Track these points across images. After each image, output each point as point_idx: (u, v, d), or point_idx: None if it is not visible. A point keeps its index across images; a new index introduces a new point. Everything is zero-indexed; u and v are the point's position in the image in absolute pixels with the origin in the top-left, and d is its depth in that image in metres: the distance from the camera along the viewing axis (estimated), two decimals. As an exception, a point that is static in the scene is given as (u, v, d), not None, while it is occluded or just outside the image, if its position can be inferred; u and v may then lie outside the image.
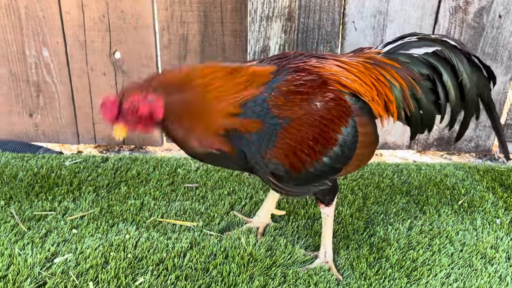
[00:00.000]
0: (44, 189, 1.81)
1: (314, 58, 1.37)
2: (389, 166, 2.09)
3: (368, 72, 1.37)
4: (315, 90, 1.28)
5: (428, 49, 1.37)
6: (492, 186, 1.95)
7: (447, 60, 1.37)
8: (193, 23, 2.04)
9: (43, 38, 2.07)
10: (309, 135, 1.26)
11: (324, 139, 1.28)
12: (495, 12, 2.01)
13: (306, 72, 1.30)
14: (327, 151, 1.30)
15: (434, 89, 1.39)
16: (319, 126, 1.27)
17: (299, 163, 1.28)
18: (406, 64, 1.37)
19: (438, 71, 1.37)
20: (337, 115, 1.29)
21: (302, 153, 1.27)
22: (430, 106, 1.40)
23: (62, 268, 1.42)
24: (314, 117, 1.26)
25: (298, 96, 1.25)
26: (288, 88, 1.25)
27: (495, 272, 1.50)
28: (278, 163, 1.26)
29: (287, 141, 1.25)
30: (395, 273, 1.48)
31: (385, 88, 1.37)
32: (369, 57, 1.40)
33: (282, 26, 1.97)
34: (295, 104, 1.24)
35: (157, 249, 1.51)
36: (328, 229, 1.51)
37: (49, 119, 2.23)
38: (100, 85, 2.15)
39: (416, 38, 1.41)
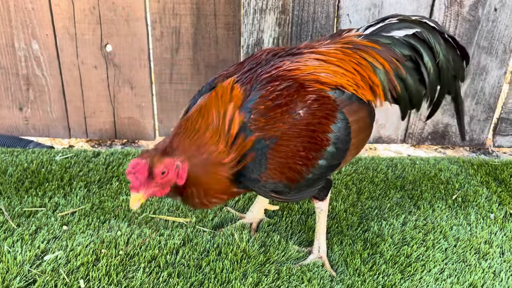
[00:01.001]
0: (34, 184, 1.78)
1: (287, 59, 1.32)
2: (383, 160, 2.08)
3: (349, 58, 1.34)
4: (293, 98, 1.23)
5: (409, 31, 1.37)
6: (486, 181, 1.95)
7: (426, 42, 1.37)
8: (186, 16, 2.01)
9: (32, 31, 2.03)
10: (298, 146, 1.23)
11: (315, 145, 1.25)
12: (491, 5, 1.99)
13: (279, 80, 1.25)
14: (321, 154, 1.27)
15: (417, 68, 1.40)
16: (307, 135, 1.24)
17: (296, 174, 1.26)
18: (387, 45, 1.36)
19: (419, 52, 1.37)
20: (322, 115, 1.25)
21: (297, 165, 1.24)
22: (416, 85, 1.40)
23: (52, 265, 1.40)
24: (299, 127, 1.23)
25: (278, 110, 1.21)
26: (265, 105, 1.21)
27: (489, 268, 1.49)
28: (275, 181, 1.24)
29: (278, 160, 1.22)
30: (389, 269, 1.47)
31: (368, 71, 1.35)
32: (348, 41, 1.37)
33: (276, 19, 1.94)
34: (277, 120, 1.21)
35: (149, 245, 1.49)
36: (322, 224, 1.49)
37: (40, 113, 2.19)
38: (91, 79, 2.12)
39: (396, 19, 1.40)
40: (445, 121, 2.21)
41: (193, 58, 2.09)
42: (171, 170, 1.15)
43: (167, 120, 2.21)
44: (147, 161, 1.13)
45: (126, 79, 2.12)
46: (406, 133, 2.25)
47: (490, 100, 2.17)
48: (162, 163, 1.14)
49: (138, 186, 1.12)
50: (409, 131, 2.24)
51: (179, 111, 2.18)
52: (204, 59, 2.09)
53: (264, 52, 1.37)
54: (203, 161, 1.19)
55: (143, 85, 2.13)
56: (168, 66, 2.10)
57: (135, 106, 2.18)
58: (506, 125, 2.24)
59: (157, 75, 2.13)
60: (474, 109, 2.18)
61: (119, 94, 2.15)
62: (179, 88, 2.14)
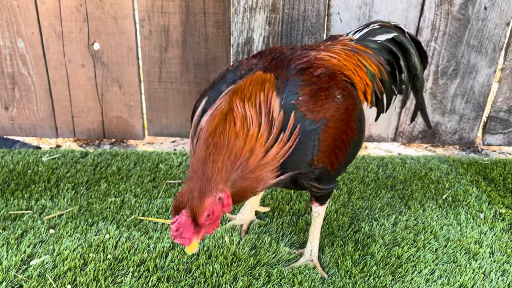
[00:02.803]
0: (20, 186, 1.75)
1: (312, 51, 1.35)
2: (374, 159, 2.08)
3: (350, 59, 1.40)
4: (330, 83, 1.26)
5: (388, 36, 1.48)
6: (476, 180, 1.95)
7: (402, 45, 1.50)
8: (175, 14, 1.98)
9: (17, 29, 1.99)
10: (342, 130, 1.25)
11: (350, 130, 1.29)
12: (481, 4, 1.99)
13: (314, 67, 1.28)
14: (352, 141, 1.31)
15: (392, 72, 1.50)
16: (346, 118, 1.26)
17: (336, 160, 1.27)
18: (375, 50, 1.46)
19: (396, 55, 1.49)
20: (352, 102, 1.30)
21: (338, 149, 1.26)
22: (390, 89, 1.51)
23: (38, 270, 1.37)
24: (341, 110, 1.25)
25: (322, 94, 1.23)
26: (311, 87, 1.22)
27: (479, 268, 1.50)
28: (323, 166, 1.24)
29: (329, 142, 1.22)
30: (380, 271, 1.47)
31: (363, 73, 1.42)
32: (345, 44, 1.45)
33: (266, 17, 1.92)
34: (324, 102, 1.22)
35: (138, 249, 1.47)
36: (318, 228, 1.49)
37: (26, 112, 2.15)
38: (78, 77, 2.08)
39: (377, 25, 1.52)
40: (435, 120, 2.21)
41: (182, 56, 2.06)
42: (216, 208, 1.10)
43: (156, 119, 2.18)
44: (188, 215, 1.07)
45: (114, 77, 2.09)
46: (396, 131, 2.24)
47: (479, 99, 2.17)
48: (204, 208, 1.08)
49: (190, 241, 1.08)
50: (399, 129, 2.24)
51: (168, 110, 2.16)
52: (194, 58, 2.06)
53: (276, 47, 1.39)
54: (243, 174, 1.13)
55: (132, 84, 2.10)
56: (157, 64, 2.07)
57: (124, 105, 2.15)
58: (496, 123, 2.25)
59: (145, 73, 2.10)
60: (464, 107, 2.19)
61: (107, 93, 2.12)
62: (168, 87, 2.12)
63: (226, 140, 1.12)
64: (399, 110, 2.18)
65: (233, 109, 1.15)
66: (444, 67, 2.09)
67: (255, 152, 1.13)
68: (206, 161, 1.12)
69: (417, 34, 2.02)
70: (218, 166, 1.11)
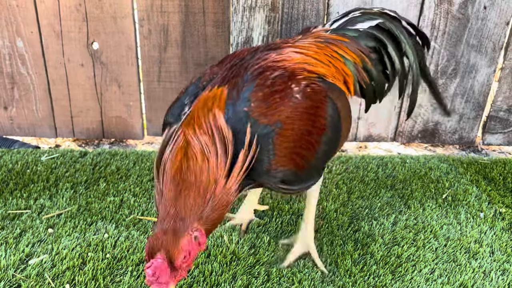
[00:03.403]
0: (19, 186, 1.75)
1: (271, 52, 1.31)
2: (373, 159, 2.07)
3: (322, 51, 1.35)
4: (288, 84, 1.22)
5: (372, 23, 1.42)
6: (476, 179, 1.95)
7: (390, 32, 1.42)
8: (174, 13, 1.98)
9: (17, 28, 1.99)
10: (302, 130, 1.21)
11: (316, 128, 1.24)
12: (480, 3, 1.99)
13: (270, 70, 1.24)
14: (321, 139, 1.26)
15: (381, 59, 1.44)
16: (308, 118, 1.22)
17: (303, 160, 1.23)
18: (353, 38, 1.40)
19: (383, 42, 1.42)
20: (317, 99, 1.25)
21: (302, 149, 1.22)
22: (380, 76, 1.44)
23: (37, 270, 1.37)
24: (300, 110, 1.21)
25: (277, 96, 1.19)
26: (263, 92, 1.18)
27: (479, 267, 1.49)
28: (285, 169, 1.20)
29: (285, 145, 1.18)
30: (379, 270, 1.46)
31: (341, 63, 1.37)
32: (318, 35, 1.40)
33: (265, 16, 1.92)
34: (278, 104, 1.18)
35: (137, 248, 1.46)
36: (312, 207, 1.48)
37: (25, 112, 2.15)
38: (78, 77, 2.08)
39: (359, 13, 1.45)
40: (435, 119, 2.21)
41: (182, 56, 2.05)
42: (193, 248, 1.06)
43: (156, 118, 2.18)
44: (164, 258, 1.01)
45: (114, 77, 2.09)
46: (396, 131, 2.24)
47: (479, 98, 2.17)
48: (180, 250, 1.03)
49: (166, 286, 1.02)
50: (399, 129, 2.23)
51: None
52: (193, 57, 2.06)
53: (242, 50, 1.36)
54: (213, 206, 1.10)
55: (131, 84, 2.10)
56: (156, 64, 2.07)
57: (123, 105, 2.14)
58: (495, 123, 2.25)
59: (145, 73, 2.09)
60: (463, 107, 2.18)
61: (106, 93, 2.12)
62: (168, 86, 2.11)
63: (193, 177, 1.09)
64: (398, 110, 2.18)
65: (190, 142, 1.12)
66: (444, 66, 2.09)
67: (218, 181, 1.10)
68: (178, 200, 1.08)
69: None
70: (190, 204, 1.08)
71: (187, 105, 1.21)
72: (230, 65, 1.28)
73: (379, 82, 1.45)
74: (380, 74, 1.44)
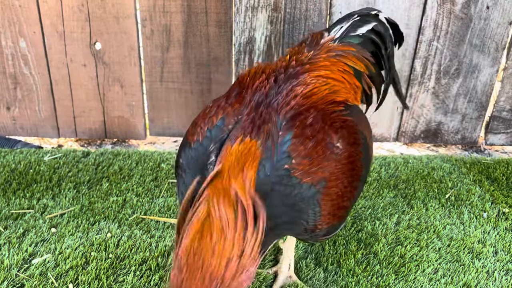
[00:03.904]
0: (22, 186, 1.75)
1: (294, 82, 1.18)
2: (376, 159, 2.07)
3: (336, 67, 1.29)
4: (324, 128, 1.10)
5: (368, 26, 1.39)
6: (479, 179, 1.95)
7: (380, 34, 1.41)
8: (176, 13, 1.98)
9: (19, 28, 1.99)
10: (345, 183, 1.11)
11: (356, 175, 1.15)
12: (483, 3, 1.99)
13: (304, 111, 1.12)
14: (359, 183, 1.18)
15: (378, 63, 1.42)
16: (349, 168, 1.12)
17: (344, 212, 1.15)
18: (358, 46, 1.37)
19: (378, 45, 1.40)
20: (354, 142, 1.16)
21: (345, 201, 1.13)
22: (379, 81, 1.43)
23: (40, 269, 1.37)
24: (342, 162, 1.11)
25: (319, 148, 1.07)
26: (304, 144, 1.05)
27: (482, 267, 1.49)
28: (329, 226, 1.12)
29: (330, 203, 1.08)
30: (383, 270, 1.46)
31: (352, 77, 1.33)
32: (329, 49, 1.33)
33: (268, 16, 1.92)
34: (321, 159, 1.06)
35: (140, 248, 1.46)
36: (293, 239, 1.40)
37: (28, 112, 2.15)
38: (80, 77, 2.08)
39: (357, 16, 1.42)
40: (438, 120, 2.20)
41: (184, 56, 2.06)
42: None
43: (158, 119, 2.18)
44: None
45: (116, 77, 2.09)
46: (398, 131, 2.24)
47: (482, 98, 2.16)
48: None
49: None
50: (401, 129, 2.23)
51: (170, 109, 2.16)
52: (195, 57, 2.06)
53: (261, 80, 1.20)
54: None
55: (133, 84, 2.10)
56: (159, 64, 2.07)
57: (125, 105, 2.14)
58: (498, 123, 2.24)
59: (147, 73, 2.09)
60: (466, 107, 2.18)
61: (109, 93, 2.12)
62: (170, 86, 2.11)
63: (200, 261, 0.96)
64: (401, 110, 2.17)
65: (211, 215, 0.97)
66: (447, 66, 2.09)
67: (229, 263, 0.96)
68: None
69: (419, 33, 2.02)
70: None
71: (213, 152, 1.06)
72: (255, 103, 1.13)
73: (379, 85, 1.44)
74: (378, 78, 1.42)
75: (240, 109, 1.12)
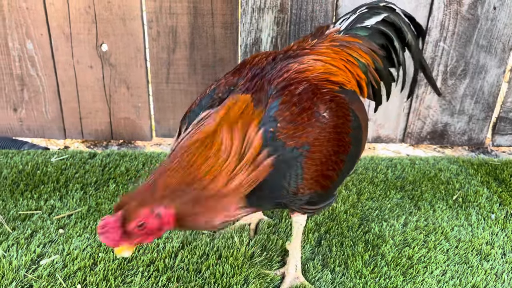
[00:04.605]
0: (29, 187, 1.75)
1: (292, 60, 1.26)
2: (382, 160, 2.07)
3: (338, 56, 1.32)
4: (313, 100, 1.17)
5: (378, 18, 1.38)
6: (487, 181, 1.94)
7: (394, 24, 1.39)
8: (183, 15, 1.98)
9: (26, 30, 2.00)
10: (330, 151, 1.17)
11: (343, 147, 1.20)
12: (490, 3, 1.98)
13: (294, 83, 1.19)
14: (346, 157, 1.22)
15: (388, 56, 1.41)
16: (335, 138, 1.18)
17: (329, 181, 1.20)
18: (365, 38, 1.37)
19: (390, 37, 1.39)
20: (342, 115, 1.21)
21: (329, 171, 1.18)
22: (388, 75, 1.42)
23: (48, 270, 1.37)
24: (328, 130, 1.16)
25: (304, 115, 1.14)
26: (290, 110, 1.12)
27: (491, 269, 1.48)
28: (312, 192, 1.17)
29: (314, 168, 1.14)
30: (390, 271, 1.45)
31: (355, 67, 1.34)
32: (333, 38, 1.36)
33: (274, 17, 1.92)
34: (306, 125, 1.13)
35: (147, 249, 1.47)
36: (299, 240, 1.41)
37: (34, 114, 2.16)
38: (86, 78, 2.09)
39: (365, 8, 1.41)
40: (444, 121, 2.20)
41: (190, 57, 2.06)
42: (150, 222, 1.04)
43: (164, 120, 2.18)
44: (119, 217, 1.02)
45: (122, 79, 2.09)
46: (405, 132, 2.23)
47: (489, 99, 2.16)
48: (136, 217, 1.02)
49: (114, 244, 1.03)
50: (408, 130, 2.22)
51: (176, 111, 2.16)
52: (201, 59, 2.06)
53: (260, 57, 1.30)
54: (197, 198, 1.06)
55: (140, 85, 2.11)
56: (165, 65, 2.07)
57: (132, 106, 2.15)
58: (505, 124, 2.23)
59: (153, 74, 2.10)
60: (473, 108, 2.17)
61: (115, 94, 2.12)
62: (176, 88, 2.12)
63: (192, 160, 1.06)
64: (407, 111, 2.17)
65: (216, 133, 1.09)
66: (453, 67, 2.08)
67: (216, 180, 1.06)
68: (163, 174, 1.07)
69: (426, 34, 2.01)
70: (171, 182, 1.06)
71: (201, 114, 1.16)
72: (251, 75, 1.21)
73: (387, 80, 1.43)
74: (388, 71, 1.42)
75: (234, 81, 1.21)
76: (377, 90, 1.42)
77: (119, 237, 1.02)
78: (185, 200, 1.06)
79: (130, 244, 1.05)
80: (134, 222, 1.03)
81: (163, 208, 1.05)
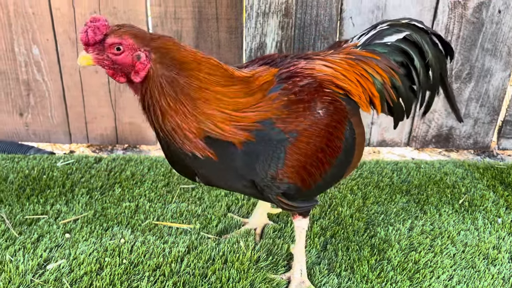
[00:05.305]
0: (35, 191, 1.76)
1: (302, 60, 1.29)
2: (388, 164, 2.06)
3: (352, 69, 1.32)
4: (314, 96, 1.20)
5: (399, 35, 1.37)
6: (493, 184, 1.93)
7: (415, 43, 1.38)
8: (187, 20, 1.99)
9: (32, 35, 2.01)
10: (317, 147, 1.18)
11: (331, 148, 1.22)
12: (495, 7, 1.98)
13: (300, 76, 1.22)
14: (333, 161, 1.24)
15: (408, 74, 1.40)
16: (325, 136, 1.20)
17: (309, 178, 1.21)
18: (384, 55, 1.36)
19: (410, 56, 1.37)
20: (338, 119, 1.23)
21: (313, 167, 1.20)
22: (408, 93, 1.40)
23: (55, 275, 1.37)
24: (319, 126, 1.18)
25: (300, 105, 1.17)
26: (288, 97, 1.16)
27: (498, 273, 1.47)
28: (290, 183, 1.18)
29: (297, 157, 1.16)
30: (397, 276, 1.45)
31: (369, 83, 1.34)
32: (349, 52, 1.36)
33: (279, 22, 1.92)
34: (299, 114, 1.16)
35: (153, 253, 1.47)
36: (302, 244, 1.40)
37: (40, 118, 2.17)
38: (92, 83, 2.10)
39: (386, 25, 1.40)
40: (449, 124, 2.19)
41: (195, 62, 2.06)
42: (126, 53, 1.04)
43: (169, 124, 2.19)
44: (108, 26, 1.03)
45: (128, 83, 2.10)
46: (410, 136, 2.23)
47: (494, 103, 2.15)
48: (120, 37, 1.03)
49: (86, 43, 1.03)
50: (413, 134, 2.22)
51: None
52: (206, 63, 2.06)
53: (273, 54, 1.36)
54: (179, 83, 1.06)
55: (145, 90, 2.11)
56: (170, 70, 2.08)
57: (137, 111, 2.15)
58: (511, 127, 2.23)
59: (159, 79, 2.10)
60: (478, 111, 2.17)
61: (120, 99, 2.13)
62: (181, 92, 2.12)
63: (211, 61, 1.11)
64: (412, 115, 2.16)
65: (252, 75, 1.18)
66: (458, 70, 2.08)
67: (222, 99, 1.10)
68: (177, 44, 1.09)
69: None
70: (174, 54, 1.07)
71: None
72: (263, 62, 1.28)
73: (407, 98, 1.41)
74: (408, 89, 1.40)
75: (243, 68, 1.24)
76: (395, 107, 1.40)
77: (94, 40, 1.03)
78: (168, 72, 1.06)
79: (95, 57, 1.06)
80: (114, 39, 1.03)
81: (145, 53, 1.05)
